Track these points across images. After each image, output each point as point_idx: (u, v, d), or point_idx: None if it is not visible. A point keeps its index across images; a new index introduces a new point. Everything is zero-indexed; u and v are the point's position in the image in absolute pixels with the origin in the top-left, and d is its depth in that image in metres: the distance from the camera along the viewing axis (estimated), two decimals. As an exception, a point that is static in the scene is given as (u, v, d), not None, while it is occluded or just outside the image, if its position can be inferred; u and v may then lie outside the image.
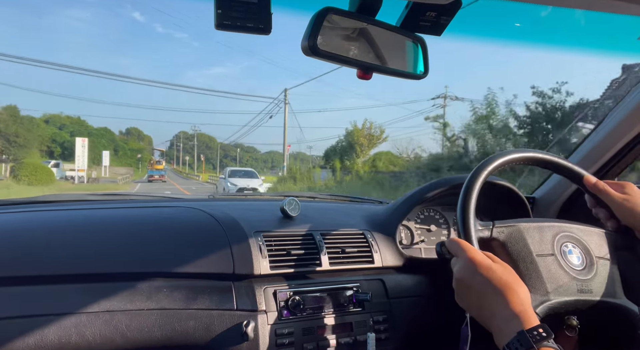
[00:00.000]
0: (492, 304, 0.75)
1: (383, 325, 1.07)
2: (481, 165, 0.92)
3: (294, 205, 1.19)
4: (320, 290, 1.04)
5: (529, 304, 0.74)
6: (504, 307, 0.73)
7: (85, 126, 70.40)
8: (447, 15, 0.77)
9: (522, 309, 0.72)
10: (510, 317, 0.72)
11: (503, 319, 0.72)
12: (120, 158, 69.14)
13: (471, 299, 0.79)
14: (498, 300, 0.74)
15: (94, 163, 45.58)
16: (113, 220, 1.11)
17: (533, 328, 0.69)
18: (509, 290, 0.74)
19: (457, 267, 0.82)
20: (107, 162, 44.60)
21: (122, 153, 72.21)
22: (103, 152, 45.43)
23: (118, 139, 77.68)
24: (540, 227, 0.92)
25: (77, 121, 72.07)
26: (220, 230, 1.05)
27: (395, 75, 0.86)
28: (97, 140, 62.84)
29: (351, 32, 0.78)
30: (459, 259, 0.82)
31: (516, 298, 0.73)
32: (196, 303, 0.92)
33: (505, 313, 0.72)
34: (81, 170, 31.58)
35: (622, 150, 1.30)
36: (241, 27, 0.68)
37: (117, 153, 69.00)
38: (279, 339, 0.95)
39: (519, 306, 0.72)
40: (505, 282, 0.75)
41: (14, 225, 1.03)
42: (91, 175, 36.46)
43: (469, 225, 0.86)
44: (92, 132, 66.92)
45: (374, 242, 1.18)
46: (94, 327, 0.83)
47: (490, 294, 0.75)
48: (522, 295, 0.74)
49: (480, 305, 0.77)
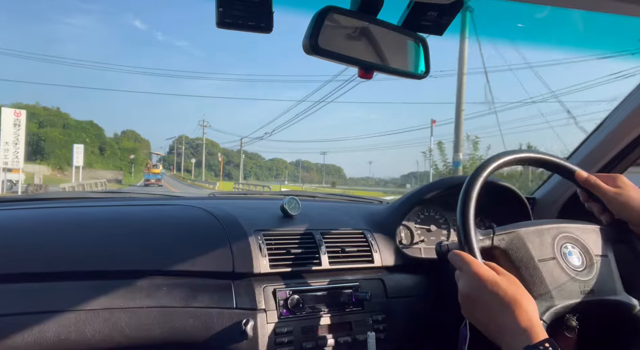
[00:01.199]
0: (499, 319, 0.75)
1: (382, 324, 1.07)
2: (478, 169, 0.93)
3: (294, 204, 1.19)
4: (319, 289, 1.04)
5: (536, 317, 0.74)
6: (511, 322, 0.73)
7: (62, 117, 55.98)
8: (448, 15, 0.77)
9: (529, 324, 0.72)
10: (517, 332, 0.72)
11: (510, 334, 0.72)
12: (108, 159, 56.64)
13: (479, 314, 0.79)
14: (505, 315, 0.74)
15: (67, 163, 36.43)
16: (113, 217, 1.11)
17: (539, 343, 0.69)
18: (515, 305, 0.74)
19: (462, 282, 0.81)
20: (81, 161, 30.15)
21: (111, 153, 58.21)
22: (74, 146, 30.25)
23: (106, 136, 63.36)
24: (539, 231, 0.92)
25: (56, 113, 56.94)
26: (220, 229, 1.05)
27: (396, 75, 0.86)
28: (76, 134, 50.62)
29: (352, 31, 0.78)
30: (464, 273, 0.81)
31: (523, 313, 0.73)
32: (196, 301, 0.92)
33: (513, 328, 0.72)
34: (15, 171, 17.16)
35: (623, 152, 1.30)
36: (242, 26, 0.68)
37: (103, 152, 56.64)
38: (278, 338, 0.95)
39: (526, 321, 0.72)
40: (512, 296, 0.75)
41: (14, 223, 1.03)
42: (33, 180, 25.32)
43: (470, 237, 0.86)
44: (69, 124, 54.04)
45: (373, 242, 1.18)
46: (94, 324, 0.83)
47: (497, 309, 0.75)
48: (529, 309, 0.74)
49: (487, 319, 0.77)
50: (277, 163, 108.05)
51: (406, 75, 0.85)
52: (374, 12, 0.77)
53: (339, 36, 0.76)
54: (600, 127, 1.36)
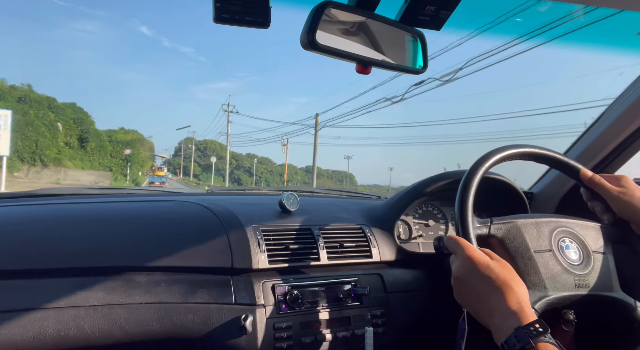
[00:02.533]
0: (490, 302, 0.76)
1: (381, 319, 1.08)
2: (478, 162, 0.93)
3: (293, 199, 1.19)
4: (318, 284, 1.04)
5: (526, 301, 0.75)
6: (502, 305, 0.74)
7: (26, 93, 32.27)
8: (446, 9, 0.76)
9: (519, 306, 0.73)
10: (507, 315, 0.72)
11: (501, 317, 0.73)
12: (92, 154, 36.89)
13: (469, 296, 0.80)
14: (496, 298, 0.75)
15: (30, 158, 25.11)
16: (111, 214, 1.11)
17: (530, 324, 0.70)
18: (506, 288, 0.75)
19: (456, 265, 0.82)
20: (6, 149, 16.87)
21: (97, 146, 37.54)
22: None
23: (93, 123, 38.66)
24: (537, 223, 0.92)
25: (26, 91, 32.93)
26: (218, 225, 1.05)
27: (394, 70, 0.85)
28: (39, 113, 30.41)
29: (350, 26, 0.78)
30: (458, 256, 0.83)
31: (513, 296, 0.74)
32: (195, 297, 0.92)
33: (503, 310, 0.73)
34: None
35: (620, 146, 1.30)
36: (240, 21, 0.68)
37: (85, 144, 35.81)
38: (277, 333, 0.95)
39: (516, 304, 0.73)
40: (503, 279, 0.76)
41: (12, 219, 1.03)
42: None
43: (467, 223, 0.87)
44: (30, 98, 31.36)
45: (372, 237, 1.18)
46: (93, 320, 0.83)
47: (488, 291, 0.76)
48: (520, 293, 0.75)
49: (478, 302, 0.78)
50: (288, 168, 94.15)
51: (404, 70, 0.85)
52: (372, 7, 0.77)
53: (336, 31, 0.75)
54: (597, 122, 1.36)
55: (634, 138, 1.27)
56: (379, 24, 0.79)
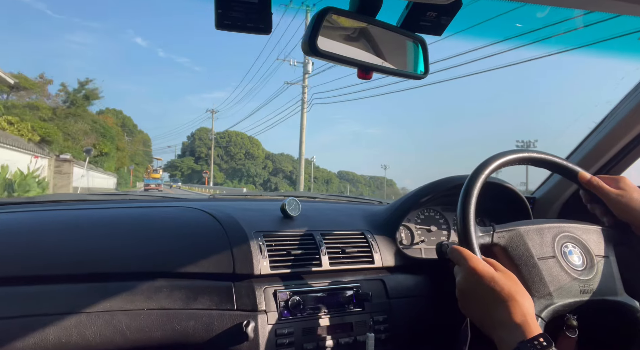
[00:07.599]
0: (495, 314, 0.75)
1: (383, 325, 1.07)
2: (479, 168, 0.92)
3: (294, 205, 1.19)
4: (320, 290, 1.04)
5: (531, 313, 0.74)
6: (506, 318, 0.73)
7: None
8: (447, 15, 0.77)
9: (524, 320, 0.72)
10: (512, 328, 0.72)
11: (505, 329, 0.73)
12: None
13: (474, 308, 0.80)
14: (500, 311, 0.74)
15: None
16: (113, 220, 1.11)
17: (534, 337, 0.69)
18: (511, 301, 0.74)
19: (460, 277, 0.82)
20: None
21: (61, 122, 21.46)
22: None
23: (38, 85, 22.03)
24: (540, 229, 0.92)
25: None
26: (220, 230, 1.05)
27: (395, 75, 0.86)
28: None
29: (351, 32, 0.78)
30: (462, 268, 0.82)
31: (518, 308, 0.73)
32: (196, 303, 0.92)
33: (508, 323, 0.73)
34: None
35: (623, 150, 1.30)
36: (241, 27, 0.68)
37: None
38: (279, 339, 0.95)
39: (520, 317, 0.73)
40: (508, 292, 0.75)
41: (15, 225, 1.03)
42: None
43: (469, 233, 0.86)
44: None
45: (374, 242, 1.18)
46: (95, 327, 0.83)
47: (493, 304, 0.76)
48: (525, 305, 0.74)
49: (483, 314, 0.78)
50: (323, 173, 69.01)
51: (405, 75, 0.85)
52: (373, 13, 0.77)
53: (337, 37, 0.76)
54: (599, 127, 1.36)
55: (637, 142, 1.27)
56: (380, 29, 0.79)
